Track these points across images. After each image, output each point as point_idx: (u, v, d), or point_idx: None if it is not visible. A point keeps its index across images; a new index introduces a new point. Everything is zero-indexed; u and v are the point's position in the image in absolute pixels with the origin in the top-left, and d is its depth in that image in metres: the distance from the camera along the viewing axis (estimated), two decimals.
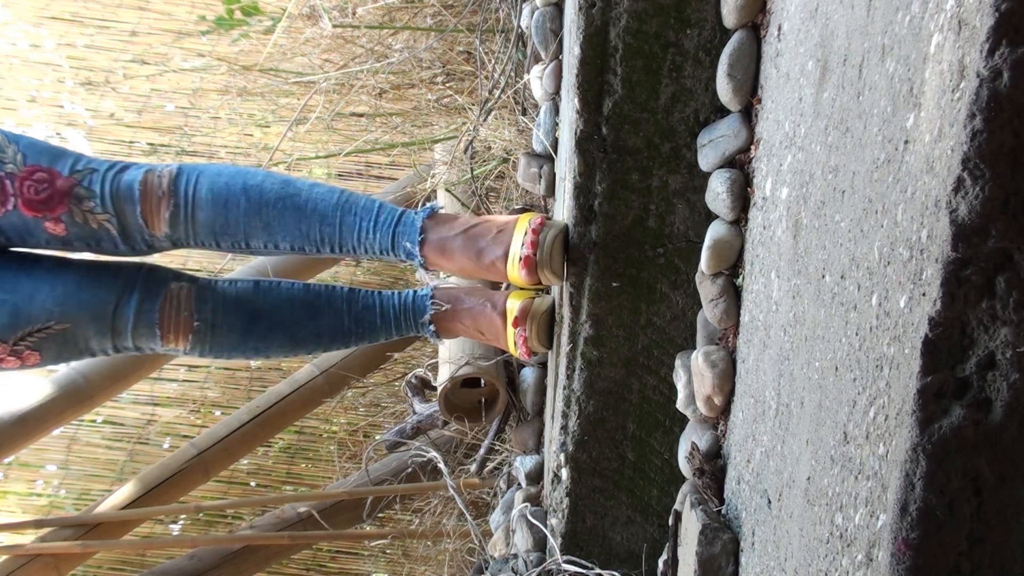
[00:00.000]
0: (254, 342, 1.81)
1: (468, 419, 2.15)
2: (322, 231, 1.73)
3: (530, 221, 1.68)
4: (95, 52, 3.66)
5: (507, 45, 2.28)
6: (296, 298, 1.82)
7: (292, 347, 1.84)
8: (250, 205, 1.72)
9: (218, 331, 1.78)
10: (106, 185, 1.69)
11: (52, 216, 1.67)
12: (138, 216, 1.70)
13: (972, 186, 0.71)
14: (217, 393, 3.51)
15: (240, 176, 1.75)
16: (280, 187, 1.74)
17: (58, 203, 1.67)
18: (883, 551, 0.77)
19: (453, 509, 2.44)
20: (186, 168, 1.75)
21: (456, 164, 2.50)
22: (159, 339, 1.76)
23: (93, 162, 1.72)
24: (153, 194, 1.70)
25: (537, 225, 1.66)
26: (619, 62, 1.51)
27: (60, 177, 1.67)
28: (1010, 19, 0.68)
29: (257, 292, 1.81)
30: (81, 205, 1.68)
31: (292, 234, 1.74)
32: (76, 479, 3.42)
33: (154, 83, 3.58)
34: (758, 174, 1.39)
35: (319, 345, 1.87)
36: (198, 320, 1.76)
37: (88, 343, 1.74)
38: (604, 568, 1.67)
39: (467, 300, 1.83)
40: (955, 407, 0.73)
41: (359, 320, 1.83)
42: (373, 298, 1.85)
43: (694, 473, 1.47)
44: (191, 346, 1.78)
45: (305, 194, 1.74)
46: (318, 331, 1.82)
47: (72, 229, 1.69)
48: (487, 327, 1.80)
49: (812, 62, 1.17)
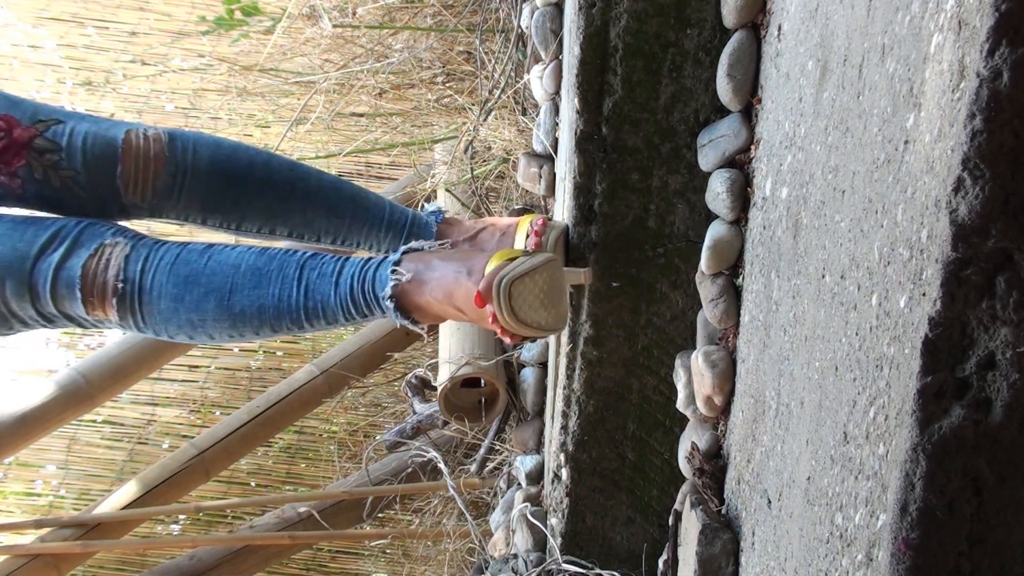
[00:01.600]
0: (187, 312, 1.46)
1: (468, 419, 2.15)
2: (329, 223, 1.61)
3: (532, 223, 1.65)
4: (95, 52, 3.66)
5: (507, 45, 2.28)
6: (244, 262, 1.47)
7: (231, 322, 1.47)
8: (255, 184, 1.57)
9: (145, 296, 1.45)
10: (76, 138, 1.49)
11: (7, 170, 1.47)
12: (116, 177, 1.51)
13: (972, 186, 0.71)
14: (217, 393, 3.51)
15: (244, 152, 1.60)
16: (288, 169, 1.60)
17: (14, 155, 1.47)
18: (883, 551, 0.77)
19: (453, 509, 2.44)
20: (178, 133, 1.57)
21: (456, 164, 2.50)
22: (80, 303, 1.45)
23: (57, 112, 1.53)
24: (142, 155, 1.52)
25: (539, 227, 1.62)
26: (619, 62, 1.51)
27: (19, 126, 1.47)
28: (1010, 19, 0.68)
29: (203, 254, 1.48)
30: (42, 158, 1.48)
31: (294, 221, 1.61)
32: (76, 479, 3.42)
33: (154, 83, 3.58)
34: (758, 174, 1.39)
35: (262, 322, 1.47)
36: (122, 281, 1.44)
37: (9, 306, 1.45)
38: (604, 568, 1.67)
39: (439, 266, 1.43)
40: (955, 407, 0.73)
41: (310, 293, 1.46)
42: (335, 264, 1.47)
43: (694, 473, 1.47)
44: (118, 315, 1.46)
45: (315, 181, 1.61)
46: (260, 303, 1.45)
47: (30, 186, 1.49)
48: (465, 301, 1.40)
49: (812, 62, 1.17)
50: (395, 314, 1.43)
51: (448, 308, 1.43)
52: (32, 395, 2.66)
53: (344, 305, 1.45)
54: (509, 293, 1.35)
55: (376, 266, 1.45)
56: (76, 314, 1.47)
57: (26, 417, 2.63)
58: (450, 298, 1.41)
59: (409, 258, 1.45)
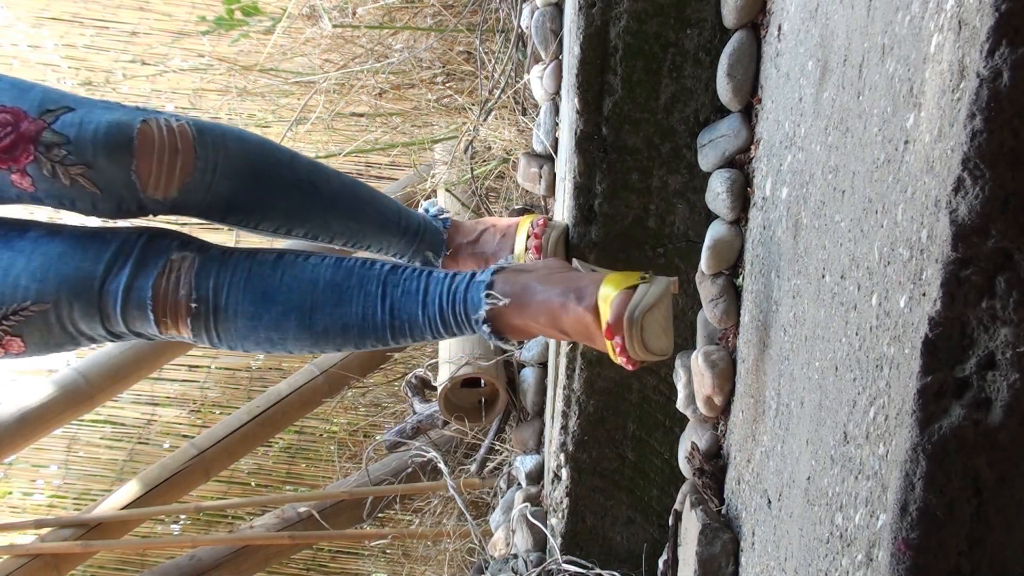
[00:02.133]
0: (266, 331, 1.43)
1: (468, 419, 2.15)
2: (345, 226, 1.59)
3: (532, 223, 1.67)
4: (95, 52, 3.66)
5: (507, 45, 2.28)
6: (321, 278, 1.43)
7: (313, 341, 1.45)
8: (280, 185, 1.49)
9: (221, 315, 1.42)
10: (86, 129, 1.36)
11: (17, 167, 1.36)
12: (130, 171, 1.38)
13: (972, 186, 0.71)
14: (217, 393, 3.51)
15: (270, 149, 1.52)
16: (310, 171, 1.54)
17: (23, 151, 1.35)
18: (883, 551, 0.77)
19: (453, 509, 2.44)
20: (207, 127, 1.45)
21: (456, 164, 2.50)
22: (153, 323, 1.41)
23: (67, 98, 1.40)
24: (167, 148, 1.39)
25: (540, 227, 1.65)
26: (619, 62, 1.51)
27: (26, 119, 1.36)
28: (1010, 19, 0.68)
29: (276, 268, 1.44)
30: (50, 153, 1.35)
31: (312, 223, 1.55)
32: (76, 479, 3.42)
33: (154, 83, 3.58)
34: (758, 174, 1.39)
35: (347, 340, 1.45)
36: (195, 301, 1.40)
37: (77, 326, 1.41)
38: (604, 568, 1.67)
39: (540, 291, 1.38)
40: (955, 407, 0.73)
41: (396, 312, 1.42)
42: (418, 281, 1.43)
43: (694, 473, 1.47)
44: (192, 333, 1.43)
45: (336, 184, 1.57)
46: (344, 322, 1.42)
47: (41, 184, 1.37)
48: (573, 326, 1.38)
49: (812, 62, 1.17)
50: (490, 336, 1.41)
51: (550, 330, 1.41)
52: (32, 395, 2.66)
53: (432, 324, 1.43)
54: (641, 326, 1.31)
55: (465, 286, 1.42)
56: (148, 332, 1.45)
57: (26, 417, 2.63)
58: (555, 323, 1.38)
59: (502, 279, 1.41)
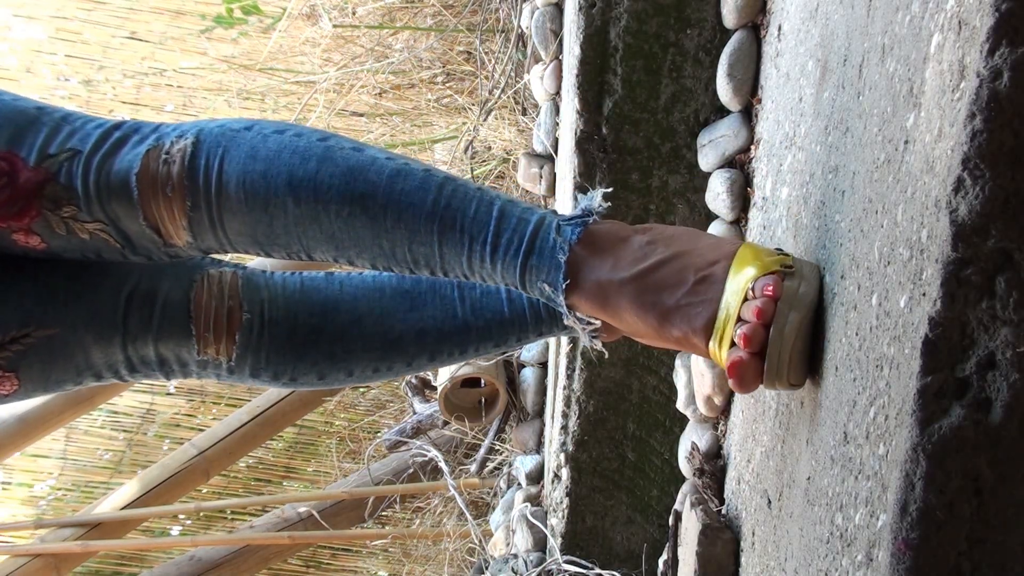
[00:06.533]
0: (328, 344, 1.24)
1: (468, 419, 2.15)
2: (414, 252, 1.10)
3: (757, 280, 1.00)
4: (95, 52, 3.67)
5: (507, 45, 2.28)
6: (387, 284, 1.26)
7: (384, 350, 1.25)
8: (301, 209, 1.09)
9: (275, 328, 1.23)
10: (91, 177, 1.08)
11: (18, 225, 1.09)
12: (140, 222, 1.10)
13: (972, 186, 0.71)
14: (217, 392, 3.51)
15: (284, 159, 1.10)
16: (344, 181, 1.09)
17: (23, 209, 1.08)
18: (883, 551, 0.77)
19: (453, 509, 2.44)
20: (206, 141, 1.10)
21: (456, 164, 2.50)
22: (193, 339, 1.20)
23: (76, 135, 1.10)
24: (159, 189, 1.08)
25: (770, 290, 0.99)
26: (619, 62, 1.51)
27: (24, 168, 1.07)
28: (1010, 19, 0.68)
29: (330, 281, 1.27)
30: (60, 210, 1.08)
31: (371, 251, 1.12)
32: (76, 472, 3.43)
33: (153, 83, 3.58)
34: (758, 174, 1.39)
35: (423, 347, 1.26)
36: (248, 311, 1.22)
37: (88, 355, 1.17)
38: (604, 568, 1.67)
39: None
40: (955, 407, 0.73)
41: (479, 310, 1.26)
42: None
43: (694, 473, 1.47)
44: (238, 351, 1.22)
45: (383, 194, 1.08)
46: (420, 327, 1.25)
47: (53, 241, 1.11)
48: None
49: (812, 62, 1.17)
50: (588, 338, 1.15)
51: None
52: None
53: (521, 320, 1.28)
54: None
55: None
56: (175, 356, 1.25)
57: (26, 417, 2.63)
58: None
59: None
